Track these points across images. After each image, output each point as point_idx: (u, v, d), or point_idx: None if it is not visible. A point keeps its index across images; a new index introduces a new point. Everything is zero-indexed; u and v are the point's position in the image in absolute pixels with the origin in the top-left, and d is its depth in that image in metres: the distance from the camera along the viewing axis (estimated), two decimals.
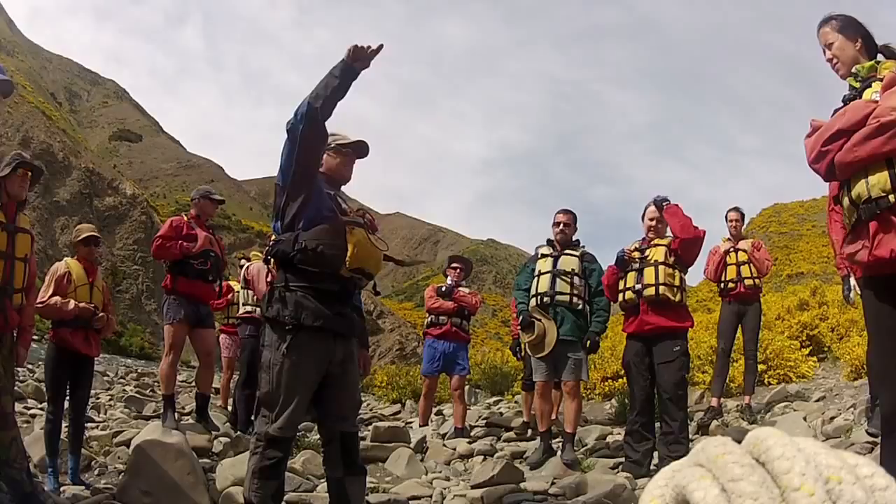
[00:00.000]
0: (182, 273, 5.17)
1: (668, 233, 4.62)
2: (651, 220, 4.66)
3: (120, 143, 72.40)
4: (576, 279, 4.83)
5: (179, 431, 4.32)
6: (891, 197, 2.07)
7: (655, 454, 4.51)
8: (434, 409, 7.70)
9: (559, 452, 4.87)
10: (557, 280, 4.83)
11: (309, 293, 2.61)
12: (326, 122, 2.63)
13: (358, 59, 2.54)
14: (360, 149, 2.94)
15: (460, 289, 6.39)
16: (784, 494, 0.38)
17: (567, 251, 4.94)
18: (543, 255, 5.01)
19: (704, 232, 4.53)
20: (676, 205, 4.56)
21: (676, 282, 4.46)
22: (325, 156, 2.85)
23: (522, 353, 6.58)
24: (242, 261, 7.22)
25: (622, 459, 4.64)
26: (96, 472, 4.56)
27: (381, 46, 2.55)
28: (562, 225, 4.99)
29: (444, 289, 6.34)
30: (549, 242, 5.08)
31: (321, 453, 2.97)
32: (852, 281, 3.84)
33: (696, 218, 4.52)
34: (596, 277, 4.88)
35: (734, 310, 5.94)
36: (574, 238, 5.06)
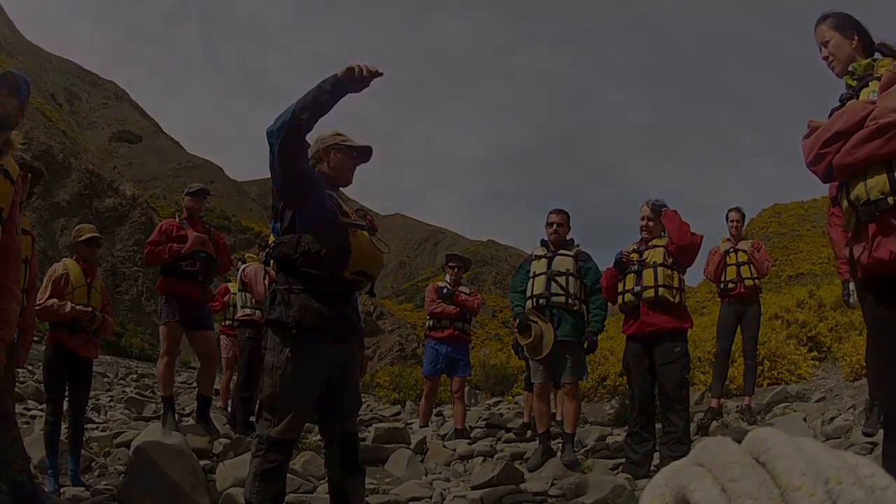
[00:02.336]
0: (171, 274, 5.19)
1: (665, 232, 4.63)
2: (643, 219, 4.65)
3: (120, 145, 72.39)
4: (571, 279, 4.82)
5: (179, 433, 4.32)
6: (890, 199, 2.07)
7: (656, 455, 4.51)
8: (434, 410, 7.70)
9: (559, 453, 4.87)
10: (553, 281, 4.82)
11: (312, 296, 2.59)
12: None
13: (353, 81, 2.49)
14: (365, 154, 2.92)
15: (461, 289, 6.37)
16: (784, 494, 0.38)
17: (561, 251, 4.92)
18: (538, 257, 5.00)
19: (701, 238, 4.53)
20: (674, 210, 4.56)
21: (675, 283, 4.46)
22: (331, 153, 2.83)
23: (524, 353, 6.57)
24: (238, 263, 7.17)
25: (622, 460, 4.64)
26: (96, 473, 4.56)
27: (381, 73, 2.50)
28: (555, 225, 4.97)
29: (445, 291, 6.30)
30: (544, 243, 5.07)
31: (322, 455, 2.96)
32: (851, 285, 3.83)
33: (696, 219, 4.53)
34: (592, 276, 4.85)
35: (734, 310, 5.93)
36: (568, 237, 5.05)
